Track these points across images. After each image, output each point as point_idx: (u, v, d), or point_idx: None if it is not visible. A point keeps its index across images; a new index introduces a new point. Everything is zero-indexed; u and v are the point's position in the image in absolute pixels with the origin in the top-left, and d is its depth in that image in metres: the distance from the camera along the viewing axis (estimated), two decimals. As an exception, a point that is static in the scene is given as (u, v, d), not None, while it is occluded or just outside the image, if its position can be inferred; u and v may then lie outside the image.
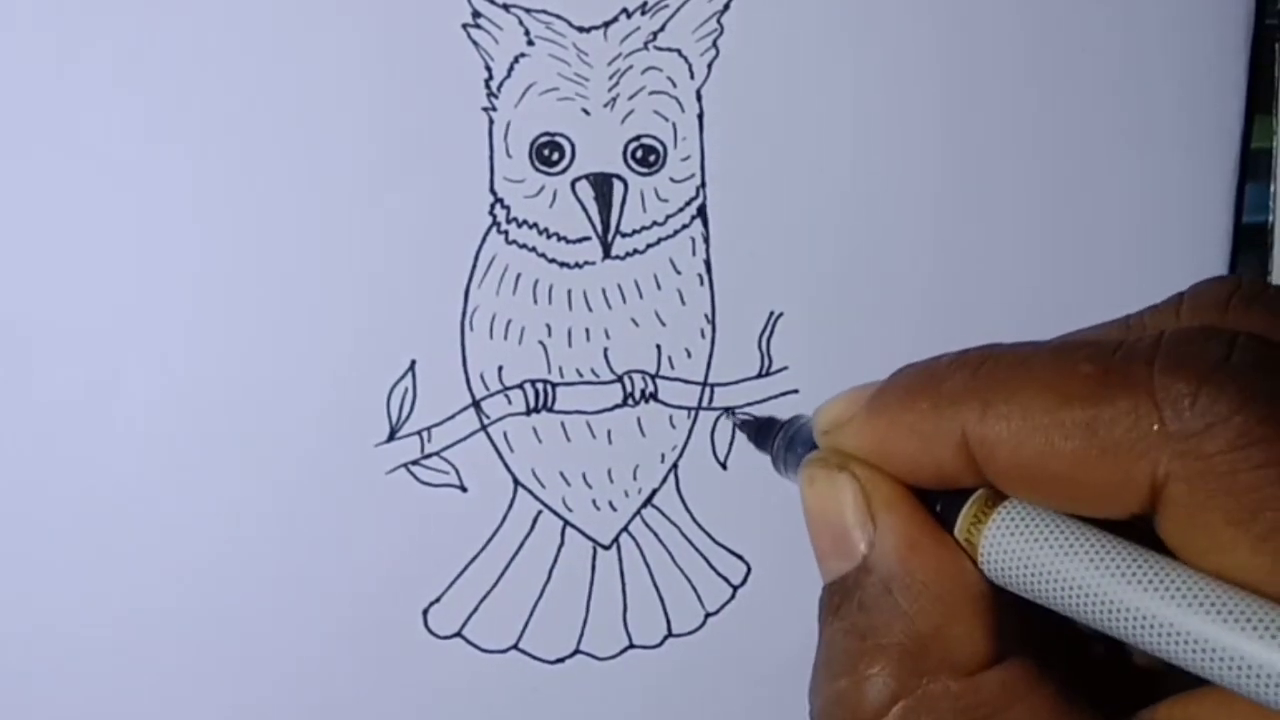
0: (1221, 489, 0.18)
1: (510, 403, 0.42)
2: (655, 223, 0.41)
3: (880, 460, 0.22)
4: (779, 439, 0.26)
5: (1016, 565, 0.20)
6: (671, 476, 0.43)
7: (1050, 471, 0.19)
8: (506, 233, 0.41)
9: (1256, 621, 0.17)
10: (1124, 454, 0.19)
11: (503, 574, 0.42)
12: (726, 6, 0.41)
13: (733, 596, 0.44)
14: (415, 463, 0.41)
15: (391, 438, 0.41)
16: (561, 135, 0.41)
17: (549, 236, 0.41)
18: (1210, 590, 0.18)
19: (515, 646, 0.43)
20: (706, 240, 0.42)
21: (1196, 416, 0.18)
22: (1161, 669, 0.22)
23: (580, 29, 0.40)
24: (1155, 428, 0.18)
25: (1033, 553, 0.20)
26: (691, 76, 0.41)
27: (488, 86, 0.40)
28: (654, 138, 0.41)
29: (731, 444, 0.43)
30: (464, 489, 0.42)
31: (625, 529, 0.43)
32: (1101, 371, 0.19)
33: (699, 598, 0.44)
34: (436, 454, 0.41)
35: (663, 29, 0.41)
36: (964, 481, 0.21)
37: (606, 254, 0.41)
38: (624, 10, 0.40)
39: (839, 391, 0.23)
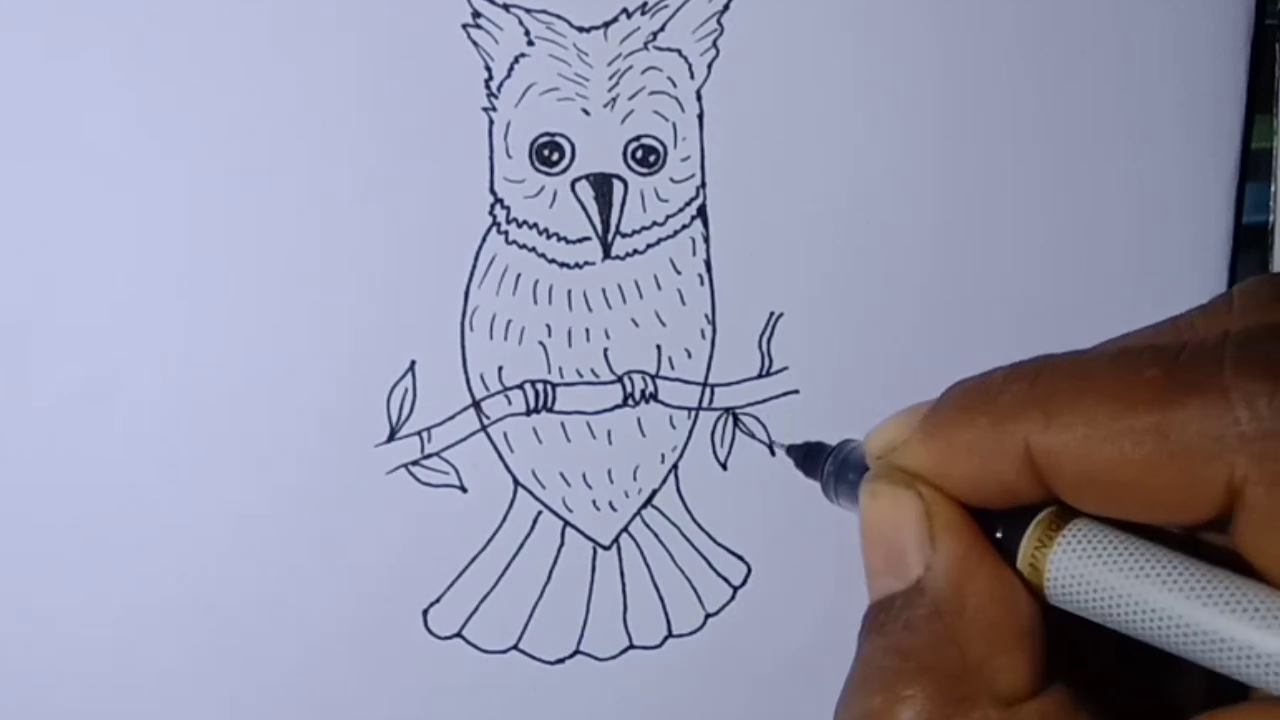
0: None
1: (510, 403, 0.42)
2: (655, 223, 0.41)
3: (939, 481, 0.21)
4: (829, 464, 0.26)
5: (1084, 588, 0.20)
6: (672, 477, 0.43)
7: (1120, 480, 0.19)
8: (506, 233, 0.41)
9: None
10: (1197, 457, 0.18)
11: (503, 574, 0.42)
12: (726, 6, 0.41)
13: (733, 597, 0.44)
14: (415, 463, 0.41)
15: (391, 438, 0.41)
16: (561, 135, 0.41)
17: (549, 237, 0.41)
18: None
19: (515, 647, 0.43)
20: (706, 240, 0.42)
21: (1276, 416, 0.17)
22: (1203, 686, 0.22)
23: (580, 29, 0.40)
24: (1231, 429, 0.18)
25: (1101, 575, 0.19)
26: (691, 76, 0.41)
27: (487, 86, 0.40)
28: (654, 138, 0.41)
29: (732, 444, 0.43)
30: (464, 489, 0.42)
31: (625, 529, 0.43)
32: (1168, 374, 0.19)
33: (699, 598, 0.44)
34: (436, 454, 0.41)
35: (663, 29, 0.41)
36: (1028, 498, 0.20)
37: (606, 254, 0.41)
38: (624, 10, 0.40)
39: (886, 415, 0.22)
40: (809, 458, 0.27)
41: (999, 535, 0.21)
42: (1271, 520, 0.18)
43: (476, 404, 0.41)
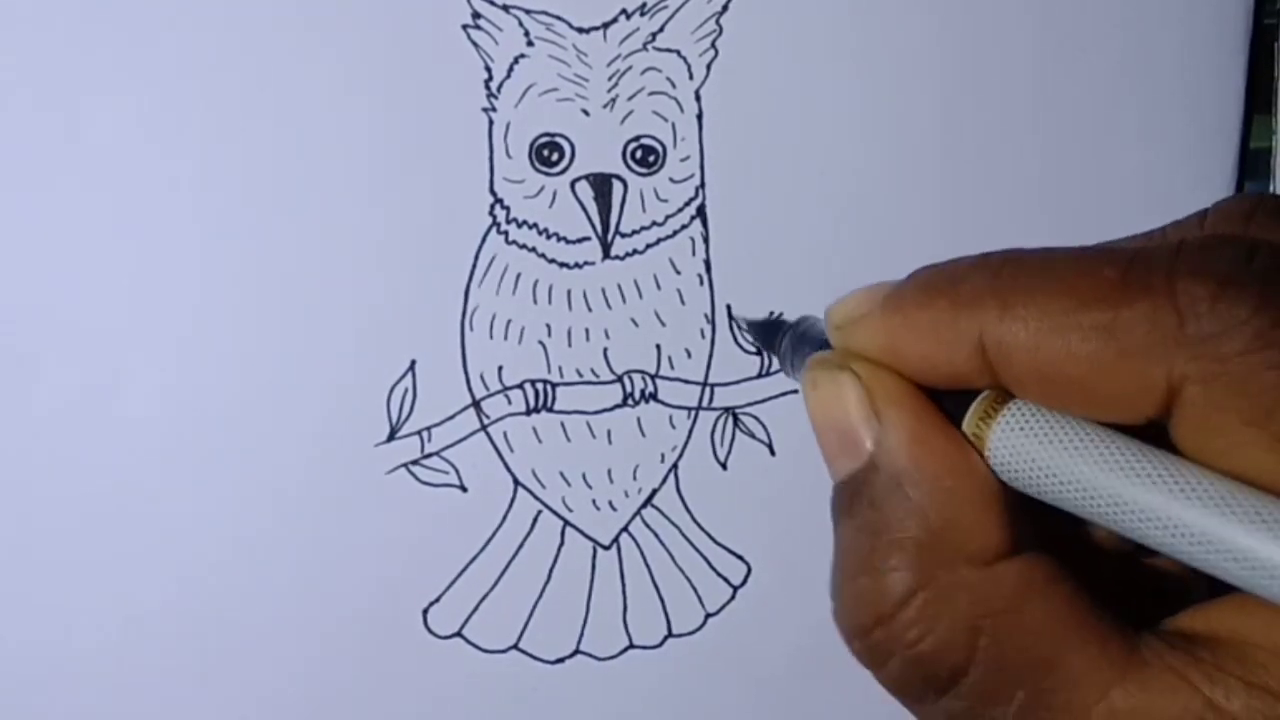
0: (1237, 390, 0.18)
1: (510, 403, 0.42)
2: (655, 223, 0.42)
3: (892, 358, 0.22)
4: (786, 339, 0.26)
5: (1023, 462, 0.20)
6: (671, 476, 0.43)
7: (1066, 375, 0.19)
8: (506, 233, 0.41)
9: (1267, 517, 0.17)
10: (1141, 357, 0.19)
11: (503, 574, 0.43)
12: (725, 7, 0.41)
13: (733, 597, 0.44)
14: (415, 462, 0.41)
15: (391, 437, 0.41)
16: (561, 136, 0.41)
17: (549, 237, 0.41)
18: (1218, 487, 0.18)
19: (515, 646, 0.43)
20: (706, 240, 0.42)
21: (1215, 319, 0.18)
22: (1182, 580, 0.22)
23: (580, 30, 0.40)
24: (1173, 330, 0.18)
25: (1039, 450, 0.20)
26: (690, 77, 0.41)
27: (487, 87, 0.40)
28: (653, 138, 0.41)
29: (732, 444, 0.43)
30: (464, 489, 0.42)
31: (625, 529, 0.43)
32: (1122, 275, 0.19)
33: (699, 598, 0.44)
34: (436, 454, 0.41)
35: (662, 30, 0.41)
36: (976, 383, 0.21)
37: (606, 254, 0.41)
38: (623, 11, 0.40)
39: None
40: (766, 332, 0.27)
41: (946, 412, 0.21)
42: (1206, 417, 0.18)
43: (476, 403, 0.41)
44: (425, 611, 0.42)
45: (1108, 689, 0.19)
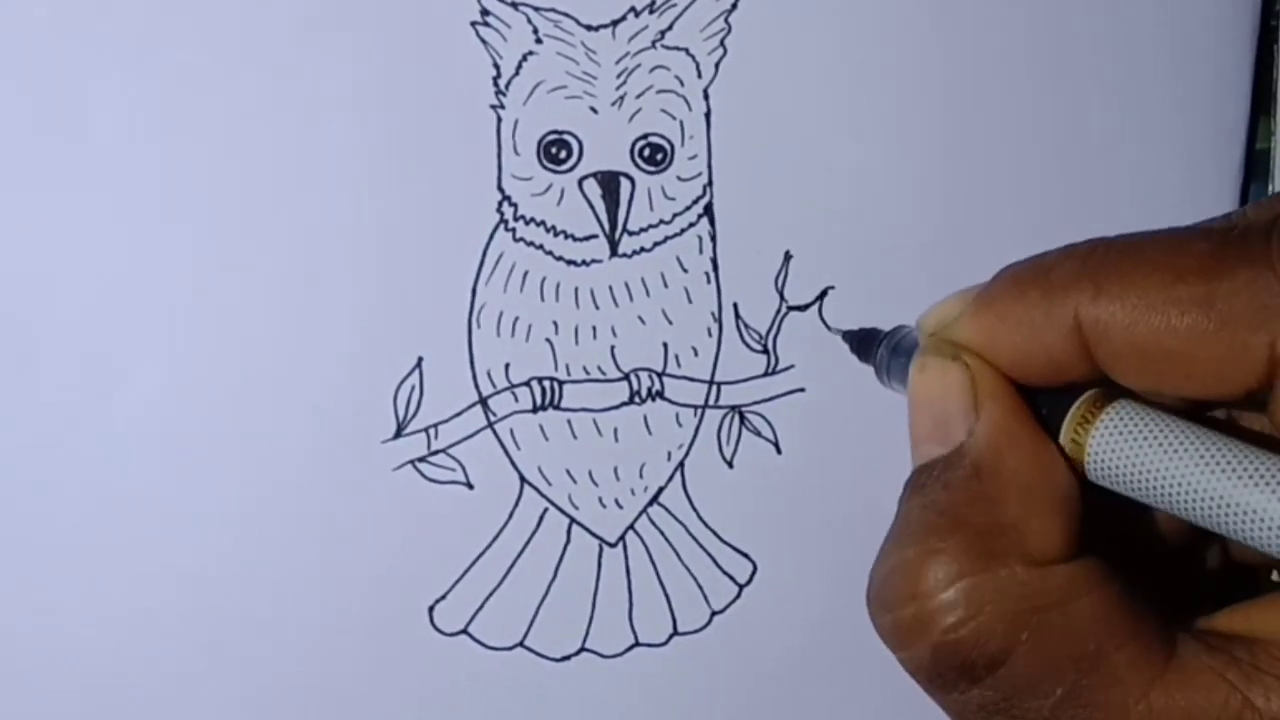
0: None
1: (517, 400, 0.42)
2: (662, 221, 0.42)
3: (988, 354, 0.22)
4: (883, 347, 0.27)
5: (1124, 465, 0.20)
6: (678, 475, 0.43)
7: (1165, 350, 0.19)
8: (514, 230, 0.41)
9: None
10: (1242, 325, 0.19)
11: (508, 571, 0.42)
12: (734, 6, 0.41)
13: (739, 595, 0.44)
14: (421, 460, 0.41)
15: (398, 435, 0.41)
16: (569, 133, 0.41)
17: (556, 234, 0.41)
18: None
19: (521, 644, 0.43)
20: (713, 239, 0.42)
21: None
22: (1228, 572, 0.22)
23: (588, 27, 0.40)
24: (1276, 300, 0.18)
25: (1141, 452, 0.20)
26: (699, 75, 0.41)
27: (496, 84, 0.40)
28: (661, 136, 0.41)
29: (738, 442, 0.43)
30: (470, 486, 0.42)
31: (631, 527, 0.43)
32: (1218, 247, 0.19)
33: (705, 596, 0.44)
34: (443, 451, 0.41)
35: (670, 28, 0.41)
36: (1073, 373, 0.21)
37: (614, 252, 0.41)
38: (632, 9, 0.40)
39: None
40: (863, 342, 0.28)
41: (1044, 413, 0.22)
42: None
43: (483, 401, 0.41)
44: (431, 608, 0.42)
45: (1148, 688, 0.19)
